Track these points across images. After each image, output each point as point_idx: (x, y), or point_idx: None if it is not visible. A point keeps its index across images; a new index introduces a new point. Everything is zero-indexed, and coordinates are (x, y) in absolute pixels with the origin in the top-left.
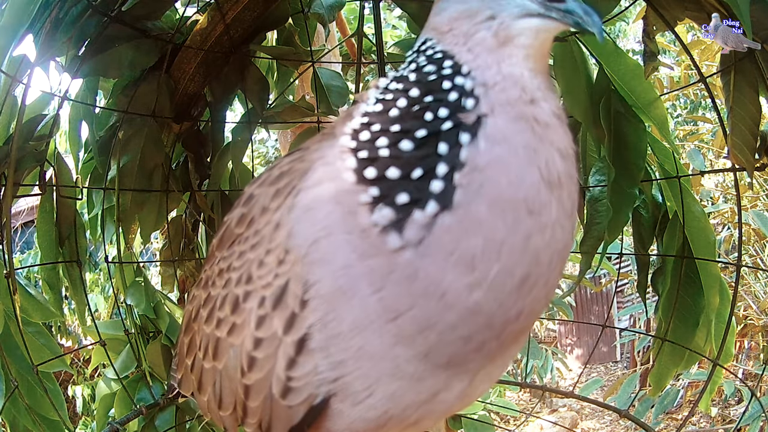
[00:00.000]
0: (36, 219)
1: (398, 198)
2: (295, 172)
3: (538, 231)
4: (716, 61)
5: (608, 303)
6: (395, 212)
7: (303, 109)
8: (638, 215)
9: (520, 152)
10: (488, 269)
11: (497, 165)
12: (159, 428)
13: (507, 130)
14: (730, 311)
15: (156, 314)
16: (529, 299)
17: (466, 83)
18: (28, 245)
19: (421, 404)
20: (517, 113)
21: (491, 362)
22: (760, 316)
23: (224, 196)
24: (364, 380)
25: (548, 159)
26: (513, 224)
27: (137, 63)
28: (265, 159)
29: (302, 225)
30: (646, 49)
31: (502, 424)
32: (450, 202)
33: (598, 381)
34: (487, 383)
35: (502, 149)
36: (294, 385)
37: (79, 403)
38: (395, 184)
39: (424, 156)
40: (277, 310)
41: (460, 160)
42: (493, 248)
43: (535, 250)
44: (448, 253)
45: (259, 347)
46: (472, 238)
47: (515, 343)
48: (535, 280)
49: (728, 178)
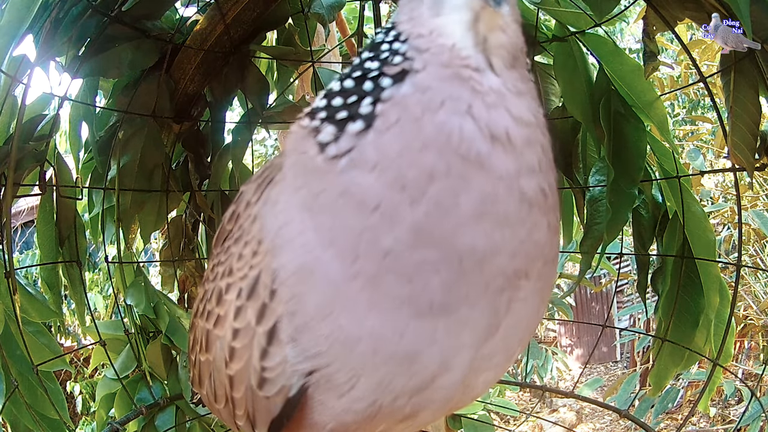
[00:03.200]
0: (36, 219)
1: (338, 114)
2: (273, 166)
3: (488, 181)
4: (716, 61)
5: (608, 303)
6: (336, 127)
7: (303, 109)
8: (638, 215)
9: (447, 102)
10: (419, 186)
11: (418, 107)
12: (159, 428)
13: (435, 83)
14: (730, 311)
15: (156, 314)
16: (499, 234)
17: (400, 47)
18: (27, 245)
19: (414, 391)
20: (453, 73)
21: (488, 318)
22: (760, 316)
23: (224, 196)
24: (345, 371)
25: (490, 114)
26: (441, 161)
27: (137, 63)
28: (265, 159)
29: (268, 218)
30: (646, 49)
31: (502, 424)
32: (371, 125)
33: (598, 381)
34: (492, 367)
35: (426, 96)
36: (267, 375)
37: (79, 402)
38: (337, 108)
39: (359, 91)
40: (250, 300)
41: (382, 95)
42: (421, 174)
43: (483, 195)
44: (373, 163)
45: (236, 337)
46: (396, 160)
47: (515, 291)
48: (497, 213)
49: (728, 178)
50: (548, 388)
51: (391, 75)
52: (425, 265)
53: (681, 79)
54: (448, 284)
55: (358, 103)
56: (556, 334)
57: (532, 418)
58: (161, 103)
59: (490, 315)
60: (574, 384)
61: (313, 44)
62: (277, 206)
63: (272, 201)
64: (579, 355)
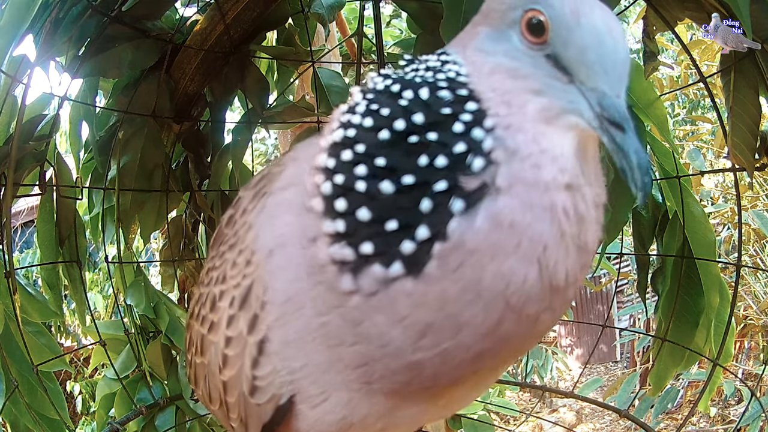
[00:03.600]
0: (36, 219)
1: (362, 246)
2: (271, 175)
3: (516, 321)
4: (716, 61)
5: (608, 303)
6: (355, 256)
7: (303, 109)
8: (638, 215)
9: (525, 245)
10: (439, 341)
11: (489, 252)
12: (159, 428)
13: (519, 217)
14: (730, 311)
15: (156, 314)
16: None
17: (485, 140)
18: (27, 245)
19: (380, 416)
20: (543, 201)
21: (451, 394)
22: (760, 316)
23: (224, 196)
24: (317, 386)
25: (559, 259)
26: (483, 312)
27: (137, 63)
28: (265, 158)
29: (264, 230)
30: (646, 49)
31: (502, 424)
32: (418, 272)
33: (598, 381)
34: (462, 403)
35: (503, 236)
36: (259, 384)
37: (79, 402)
38: (364, 227)
39: (405, 207)
40: (242, 310)
41: (446, 230)
42: (452, 326)
43: (504, 334)
44: (399, 316)
45: (229, 345)
46: (430, 312)
47: (480, 381)
48: (496, 353)
49: (728, 178)
50: (548, 388)
51: (467, 192)
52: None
53: (681, 79)
54: (418, 392)
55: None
56: (556, 334)
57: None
58: (161, 103)
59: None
60: (574, 384)
61: (313, 44)
62: (274, 222)
63: (267, 214)
64: (579, 355)
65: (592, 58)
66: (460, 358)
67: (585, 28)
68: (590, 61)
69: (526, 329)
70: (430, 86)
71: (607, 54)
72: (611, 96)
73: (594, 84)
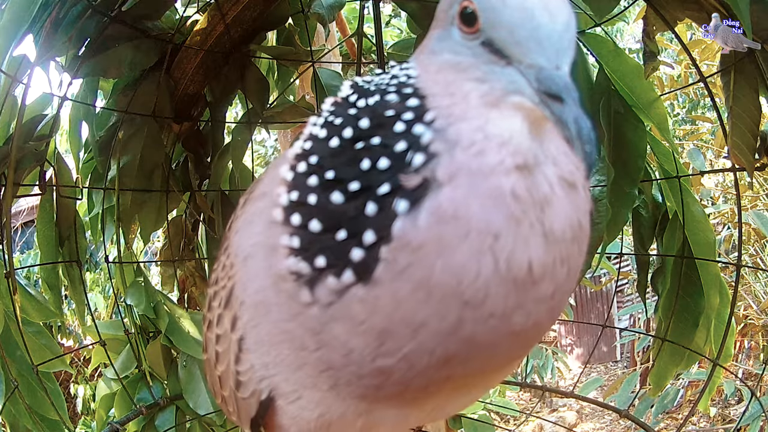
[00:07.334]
0: (36, 219)
1: (316, 260)
2: (258, 181)
3: (475, 322)
4: (716, 61)
5: (608, 303)
6: (311, 270)
7: (303, 109)
8: (638, 215)
9: (472, 236)
10: (400, 346)
11: (436, 247)
12: (159, 428)
13: (463, 207)
14: (730, 311)
15: (156, 314)
16: (459, 369)
17: (423, 134)
18: (28, 245)
19: (358, 415)
20: (489, 187)
21: (435, 401)
22: (760, 316)
23: (224, 196)
24: (289, 384)
25: (516, 248)
26: (438, 311)
27: (137, 63)
28: (265, 160)
29: (241, 236)
30: (646, 49)
31: (502, 424)
32: (368, 277)
33: (598, 381)
34: (453, 408)
35: (448, 229)
36: (241, 379)
37: (79, 402)
38: (317, 240)
39: (353, 215)
40: (227, 309)
41: (391, 231)
42: (409, 329)
43: (468, 335)
44: (356, 322)
45: (219, 342)
46: (385, 316)
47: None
48: (465, 357)
49: (728, 178)
50: (548, 388)
51: (409, 190)
52: (368, 388)
53: (681, 79)
54: (391, 398)
55: (349, 244)
56: (556, 334)
57: (533, 418)
58: (161, 103)
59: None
60: (574, 384)
61: (313, 44)
62: (249, 230)
63: (246, 220)
64: (579, 355)
65: (524, 35)
66: (426, 363)
67: (512, 8)
68: (522, 39)
69: (497, 332)
70: (381, 92)
71: (540, 28)
72: (549, 69)
73: (531, 60)
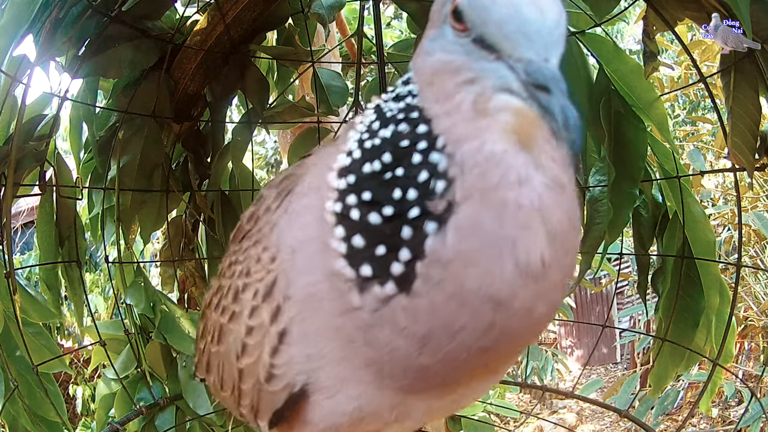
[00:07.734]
0: (36, 219)
1: (362, 269)
2: (294, 177)
3: (507, 317)
4: (716, 61)
5: (608, 304)
6: (356, 276)
7: (303, 109)
8: (638, 215)
9: (493, 245)
10: (440, 347)
11: (463, 260)
12: (159, 428)
13: (480, 221)
14: (730, 312)
15: (156, 314)
16: (493, 357)
17: (440, 162)
18: (28, 246)
19: (391, 408)
20: (496, 200)
21: (463, 389)
22: (761, 317)
23: (224, 196)
24: (330, 378)
25: (530, 247)
26: (473, 315)
27: (137, 63)
28: (265, 161)
29: (288, 229)
30: (646, 49)
31: (502, 425)
32: (408, 289)
33: (598, 382)
34: (473, 396)
35: (472, 243)
36: (276, 372)
37: (78, 403)
38: (360, 253)
39: (390, 234)
40: (266, 302)
41: (424, 250)
42: (448, 333)
43: (501, 331)
44: (400, 327)
45: (250, 334)
46: (426, 323)
47: (488, 374)
48: (499, 348)
49: (728, 180)
50: (548, 389)
51: (437, 215)
52: (409, 382)
53: (681, 80)
54: (428, 389)
55: (389, 259)
56: (556, 335)
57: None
58: (161, 103)
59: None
60: (574, 385)
61: (313, 44)
62: (297, 223)
63: (290, 214)
64: (579, 356)
65: (512, 29)
66: (464, 358)
67: (501, 4)
68: (511, 33)
69: (525, 321)
70: (394, 122)
71: (528, 22)
72: (537, 61)
73: (519, 54)
